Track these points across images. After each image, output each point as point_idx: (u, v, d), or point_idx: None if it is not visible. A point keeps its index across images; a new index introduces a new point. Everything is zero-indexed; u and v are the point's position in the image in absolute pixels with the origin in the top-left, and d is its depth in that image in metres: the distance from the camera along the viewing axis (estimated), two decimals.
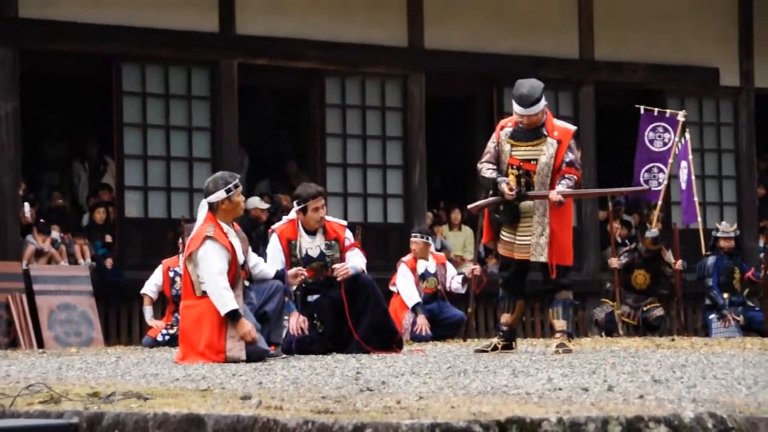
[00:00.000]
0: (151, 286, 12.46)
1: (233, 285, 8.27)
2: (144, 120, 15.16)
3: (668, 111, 14.71)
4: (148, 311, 12.47)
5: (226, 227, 8.42)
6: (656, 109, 14.79)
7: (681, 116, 14.51)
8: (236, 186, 8.47)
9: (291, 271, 8.96)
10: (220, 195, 8.40)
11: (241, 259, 8.42)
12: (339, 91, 16.24)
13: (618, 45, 17.61)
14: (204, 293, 8.28)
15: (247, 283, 8.50)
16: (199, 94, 15.45)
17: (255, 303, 8.49)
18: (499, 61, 16.72)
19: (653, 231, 13.98)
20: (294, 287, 9.14)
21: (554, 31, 17.29)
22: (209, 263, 8.22)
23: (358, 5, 16.24)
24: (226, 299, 8.18)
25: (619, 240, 14.36)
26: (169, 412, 4.92)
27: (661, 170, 14.18)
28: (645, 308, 13.78)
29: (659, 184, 14.09)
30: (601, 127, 17.26)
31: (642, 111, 14.64)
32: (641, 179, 14.21)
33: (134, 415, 4.99)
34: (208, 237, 8.27)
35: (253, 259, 8.70)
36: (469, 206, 9.46)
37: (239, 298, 8.28)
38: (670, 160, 14.38)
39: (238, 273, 8.34)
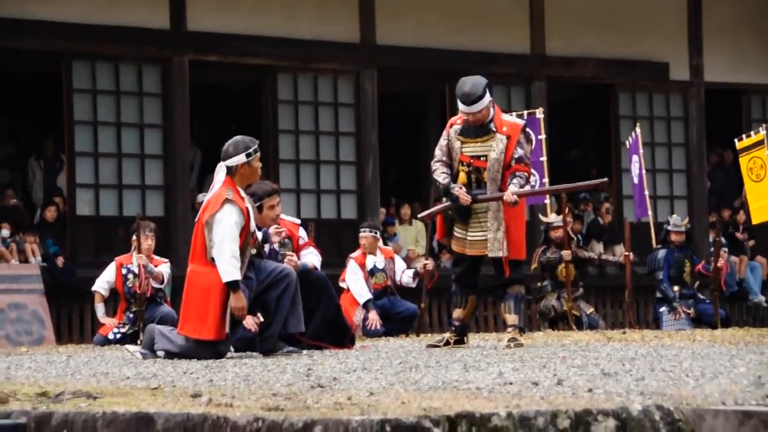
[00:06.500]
0: (102, 283, 12.37)
1: (242, 251, 8.23)
2: (95, 117, 15.07)
3: (526, 112, 14.39)
4: (100, 309, 12.37)
5: (242, 192, 8.41)
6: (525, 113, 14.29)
7: (539, 113, 14.40)
8: (255, 151, 8.44)
9: (271, 229, 8.94)
10: (239, 159, 8.38)
11: (253, 226, 8.41)
12: (291, 88, 16.21)
13: (569, 40, 17.70)
14: (213, 260, 8.20)
15: (254, 252, 8.47)
16: (151, 91, 15.38)
17: (254, 280, 8.41)
18: (450, 57, 16.77)
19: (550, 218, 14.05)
20: (276, 244, 9.12)
21: (505, 26, 17.35)
22: (225, 227, 8.17)
23: (309, 1, 16.22)
24: (230, 267, 8.11)
25: (571, 234, 14.38)
26: (119, 411, 4.90)
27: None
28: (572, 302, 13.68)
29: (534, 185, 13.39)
30: (553, 122, 17.34)
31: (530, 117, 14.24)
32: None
33: (83, 414, 4.96)
34: (228, 200, 8.23)
35: None
36: (420, 215, 9.48)
37: (244, 266, 8.24)
38: (542, 158, 14.25)
39: (248, 240, 8.31)
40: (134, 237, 12.32)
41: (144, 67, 15.35)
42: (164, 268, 12.28)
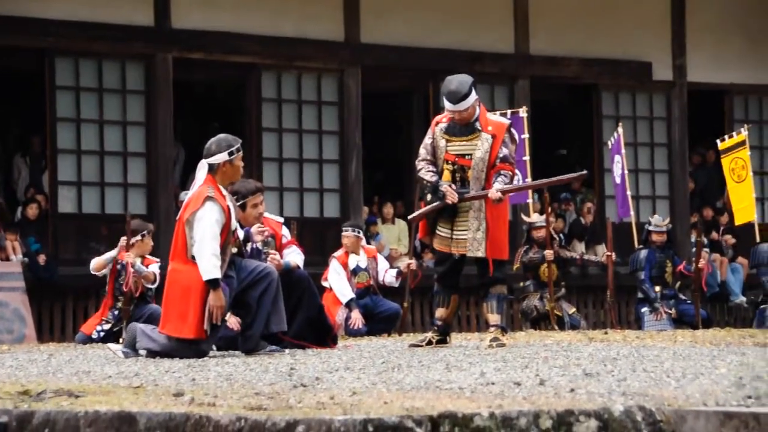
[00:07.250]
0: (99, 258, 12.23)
1: (223, 249, 8.22)
2: (78, 114, 15.03)
3: (509, 111, 14.28)
4: (107, 254, 12.17)
5: (224, 191, 8.40)
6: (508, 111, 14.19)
7: (522, 112, 14.35)
8: (238, 150, 8.44)
9: (254, 228, 8.94)
10: (222, 157, 8.37)
11: (234, 224, 8.41)
12: (275, 86, 16.21)
13: (553, 39, 17.73)
14: (194, 258, 8.19)
15: (234, 250, 8.46)
16: (134, 88, 15.35)
17: (235, 279, 8.41)
18: (435, 56, 16.78)
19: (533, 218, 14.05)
20: (259, 243, 9.12)
21: (490, 25, 17.38)
22: (206, 225, 8.17)
23: None
24: (210, 266, 8.11)
25: (554, 234, 14.40)
26: (101, 410, 4.89)
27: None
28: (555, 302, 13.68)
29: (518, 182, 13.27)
30: (536, 122, 17.36)
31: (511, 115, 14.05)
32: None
33: (65, 413, 4.95)
34: (209, 198, 8.22)
35: None
36: (410, 217, 9.48)
37: (224, 264, 8.24)
38: (525, 157, 14.21)
39: (229, 238, 8.31)
40: (133, 237, 12.22)
41: (127, 64, 15.32)
42: (155, 267, 12.26)
